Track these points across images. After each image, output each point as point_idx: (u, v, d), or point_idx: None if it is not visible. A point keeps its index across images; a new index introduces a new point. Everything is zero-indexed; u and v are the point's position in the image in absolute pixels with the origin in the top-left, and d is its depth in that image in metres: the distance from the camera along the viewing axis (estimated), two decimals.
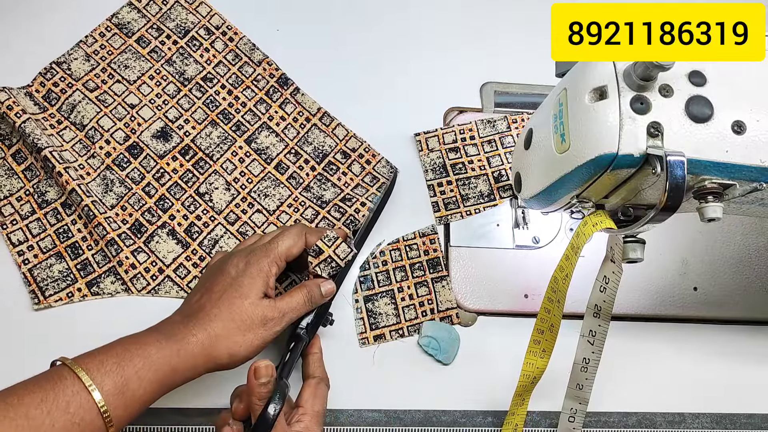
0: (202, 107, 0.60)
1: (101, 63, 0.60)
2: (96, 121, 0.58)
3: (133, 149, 0.58)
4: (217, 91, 0.61)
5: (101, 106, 0.59)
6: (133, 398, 0.40)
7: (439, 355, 0.55)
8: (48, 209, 0.56)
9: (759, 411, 0.59)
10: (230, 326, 0.44)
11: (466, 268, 0.58)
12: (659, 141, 0.38)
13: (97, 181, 0.57)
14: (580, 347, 0.48)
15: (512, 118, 0.63)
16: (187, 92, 0.60)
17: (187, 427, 0.52)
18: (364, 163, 0.60)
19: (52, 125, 0.58)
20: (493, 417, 0.55)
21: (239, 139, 0.59)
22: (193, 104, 0.60)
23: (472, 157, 0.61)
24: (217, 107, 0.60)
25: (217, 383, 0.53)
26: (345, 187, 0.58)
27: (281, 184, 0.58)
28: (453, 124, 0.63)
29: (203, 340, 0.44)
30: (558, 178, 0.43)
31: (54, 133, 0.57)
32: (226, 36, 0.62)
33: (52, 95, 0.59)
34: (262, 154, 0.59)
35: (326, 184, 0.58)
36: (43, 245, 0.55)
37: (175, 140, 0.59)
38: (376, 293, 0.57)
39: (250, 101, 0.61)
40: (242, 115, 0.60)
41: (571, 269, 0.45)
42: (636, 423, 0.57)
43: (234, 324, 0.45)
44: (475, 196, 0.60)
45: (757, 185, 0.40)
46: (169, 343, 0.43)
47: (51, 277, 0.54)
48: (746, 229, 0.63)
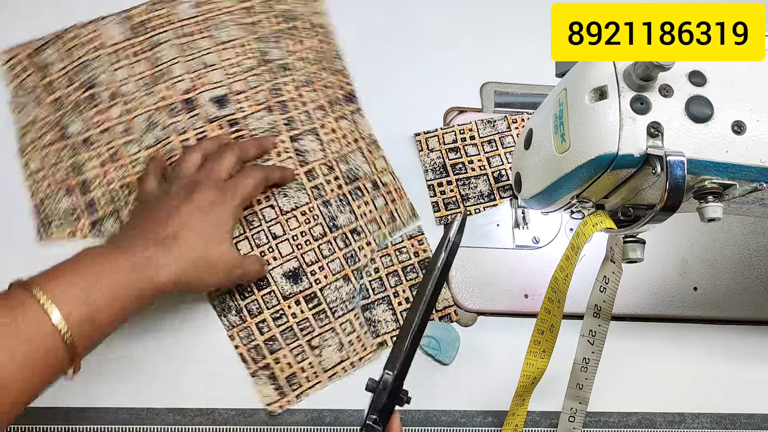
0: (266, 91, 0.60)
1: (205, 15, 0.61)
2: (170, 64, 0.59)
3: (188, 103, 0.59)
4: (286, 81, 0.61)
5: (182, 54, 0.60)
6: (99, 327, 0.40)
7: (439, 355, 0.55)
8: (67, 142, 0.56)
9: (759, 411, 0.59)
10: (201, 265, 0.45)
11: (466, 268, 0.58)
12: (659, 141, 0.38)
13: (143, 117, 0.57)
14: (580, 347, 0.48)
15: (512, 118, 0.63)
16: (260, 72, 0.61)
17: (187, 427, 0.52)
18: (389, 199, 0.59)
19: (128, 55, 0.59)
20: (493, 417, 0.55)
21: (285, 133, 0.59)
22: (260, 85, 0.60)
23: (472, 157, 0.61)
24: (280, 96, 0.60)
25: (218, 383, 0.53)
26: (360, 218, 0.58)
27: (303, 189, 0.58)
28: (453, 124, 0.63)
29: (176, 271, 0.44)
30: (558, 178, 0.43)
31: (127, 64, 0.59)
32: (317, 36, 0.63)
33: (148, 26, 0.60)
34: (299, 155, 0.59)
35: (345, 207, 0.58)
36: (57, 177, 0.55)
37: (229, 110, 0.59)
38: (372, 302, 0.56)
39: (310, 103, 0.61)
40: (298, 113, 0.60)
41: (572, 269, 0.45)
42: (636, 423, 0.57)
43: (204, 263, 0.46)
44: (475, 196, 0.60)
45: (757, 185, 0.40)
46: (142, 271, 0.42)
47: (58, 212, 0.55)
48: (746, 229, 0.63)
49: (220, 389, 0.53)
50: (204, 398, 0.52)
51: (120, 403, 0.51)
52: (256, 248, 0.55)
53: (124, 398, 0.52)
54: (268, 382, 0.53)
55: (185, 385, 0.52)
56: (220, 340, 0.53)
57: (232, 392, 0.53)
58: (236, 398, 0.53)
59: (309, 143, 0.60)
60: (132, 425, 0.51)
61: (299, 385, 0.53)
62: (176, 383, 0.52)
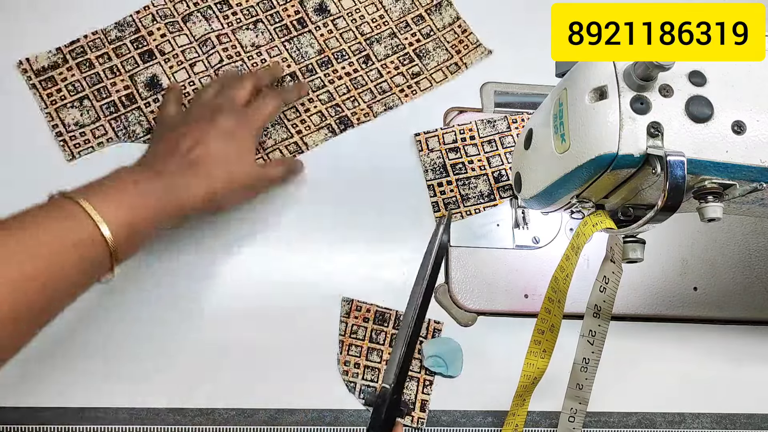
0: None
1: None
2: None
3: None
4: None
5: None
6: (135, 243, 0.44)
7: (448, 371, 0.55)
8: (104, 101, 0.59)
9: (759, 411, 0.59)
10: (227, 187, 0.49)
11: (466, 268, 0.58)
12: (659, 141, 0.38)
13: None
14: (580, 347, 0.48)
15: (512, 118, 0.63)
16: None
17: (187, 427, 0.52)
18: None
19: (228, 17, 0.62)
20: (493, 417, 0.55)
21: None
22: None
23: (472, 157, 0.61)
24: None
25: (218, 383, 0.53)
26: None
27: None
28: (453, 124, 0.63)
29: (205, 194, 0.48)
30: (558, 178, 0.43)
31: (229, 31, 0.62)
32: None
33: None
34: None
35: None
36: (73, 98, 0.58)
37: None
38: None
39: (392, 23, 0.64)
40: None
41: (572, 269, 0.45)
42: (636, 423, 0.57)
43: (230, 185, 0.49)
44: (475, 196, 0.60)
45: (757, 185, 0.40)
46: (175, 193, 0.46)
47: (79, 125, 0.57)
48: (746, 229, 0.63)
49: (221, 389, 0.53)
50: (204, 398, 0.52)
51: (120, 403, 0.51)
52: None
53: (124, 398, 0.52)
54: None
55: (185, 385, 0.52)
56: (220, 339, 0.53)
57: (232, 392, 0.53)
58: (236, 398, 0.53)
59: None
60: (132, 425, 0.51)
61: None
62: (176, 383, 0.52)
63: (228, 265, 0.56)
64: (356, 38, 0.63)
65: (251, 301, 0.55)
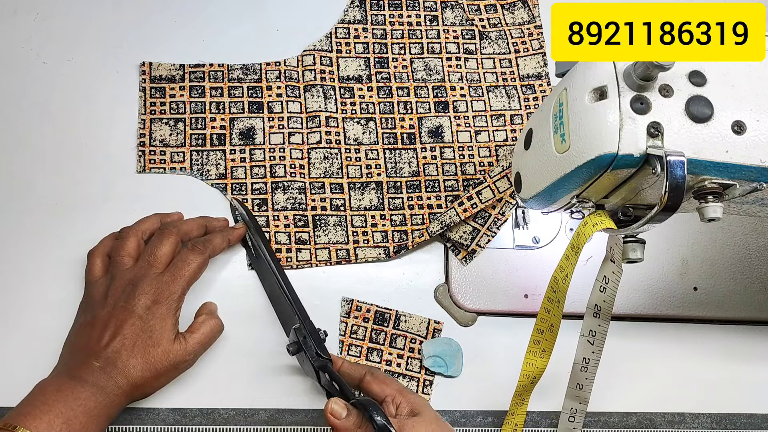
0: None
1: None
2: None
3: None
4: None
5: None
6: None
7: (448, 371, 0.55)
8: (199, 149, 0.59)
9: (759, 411, 0.59)
10: (147, 375, 0.48)
11: (466, 268, 0.58)
12: (659, 141, 0.38)
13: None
14: (580, 347, 0.48)
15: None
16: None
17: (187, 427, 0.52)
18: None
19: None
20: (493, 417, 0.55)
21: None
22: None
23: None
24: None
25: (217, 384, 0.53)
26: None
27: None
28: None
29: (126, 389, 0.47)
30: (558, 178, 0.43)
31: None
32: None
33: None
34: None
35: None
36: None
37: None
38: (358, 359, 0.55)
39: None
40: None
41: (571, 269, 0.45)
42: (636, 423, 0.57)
43: (151, 373, 0.48)
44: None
45: (757, 185, 0.40)
46: (102, 395, 0.46)
47: (164, 143, 0.58)
48: (746, 229, 0.63)
49: (220, 389, 0.53)
50: (204, 398, 0.52)
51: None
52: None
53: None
54: None
55: (185, 384, 0.52)
56: (220, 339, 0.53)
57: (232, 392, 0.53)
58: (236, 398, 0.53)
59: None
60: (132, 425, 0.51)
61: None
62: (176, 383, 0.52)
63: (228, 265, 0.56)
64: (456, 174, 0.60)
65: (251, 301, 0.55)
